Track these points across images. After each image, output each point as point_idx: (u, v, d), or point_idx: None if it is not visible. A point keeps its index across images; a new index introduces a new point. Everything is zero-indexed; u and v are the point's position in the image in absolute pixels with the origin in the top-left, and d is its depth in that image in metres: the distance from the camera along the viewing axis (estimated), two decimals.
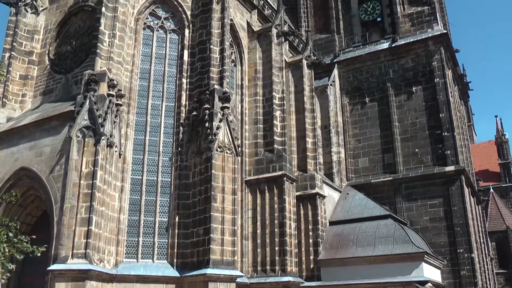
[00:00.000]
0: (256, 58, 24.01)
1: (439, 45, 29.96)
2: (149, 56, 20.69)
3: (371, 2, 35.46)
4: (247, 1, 24.71)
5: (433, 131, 28.64)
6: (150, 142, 19.65)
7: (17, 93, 21.15)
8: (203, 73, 20.06)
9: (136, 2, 20.80)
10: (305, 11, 34.70)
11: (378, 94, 30.73)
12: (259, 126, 22.99)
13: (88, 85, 17.26)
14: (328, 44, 33.00)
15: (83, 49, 20.61)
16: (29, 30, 22.04)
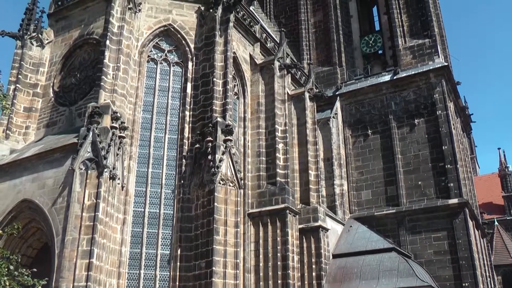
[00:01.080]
0: (259, 91, 24.14)
1: (441, 77, 30.14)
2: (153, 89, 20.88)
3: (373, 35, 35.90)
4: (249, 34, 24.98)
5: (436, 164, 28.57)
6: (153, 174, 19.64)
7: (20, 125, 21.25)
8: (206, 105, 20.19)
9: (140, 35, 21.08)
10: (307, 44, 35.06)
11: (381, 126, 30.77)
12: (262, 158, 22.98)
13: (92, 117, 17.35)
14: (330, 77, 33.23)
15: (87, 81, 20.81)
16: (34, 63, 22.28)
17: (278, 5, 38.04)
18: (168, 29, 21.78)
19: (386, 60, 34.11)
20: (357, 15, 36.83)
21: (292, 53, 31.93)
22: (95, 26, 21.51)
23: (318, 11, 35.89)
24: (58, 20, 23.28)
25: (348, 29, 35.51)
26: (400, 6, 33.30)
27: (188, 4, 22.39)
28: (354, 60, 34.73)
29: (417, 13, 32.74)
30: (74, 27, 22.47)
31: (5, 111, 15.78)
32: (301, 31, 35.51)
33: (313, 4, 36.29)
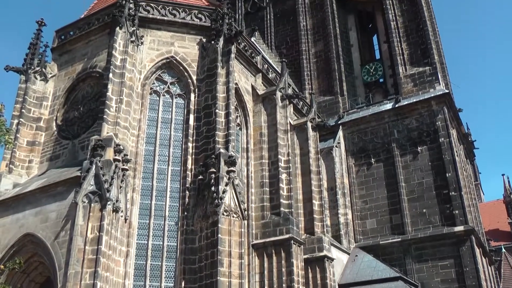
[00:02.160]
0: (261, 121, 24.19)
1: (442, 104, 30.18)
2: (155, 121, 20.97)
3: (373, 64, 36.19)
4: (251, 65, 25.17)
5: (440, 191, 28.40)
6: (156, 206, 19.59)
7: (23, 159, 21.29)
8: (208, 137, 20.22)
9: (143, 68, 21.28)
10: (308, 74, 35.26)
11: (384, 154, 30.71)
12: (265, 189, 22.88)
13: (95, 150, 17.41)
14: (332, 106, 33.32)
15: (90, 114, 20.93)
16: (38, 96, 22.46)
17: (279, 36, 38.39)
18: (170, 61, 21.99)
19: (387, 88, 34.29)
20: (358, 44, 37.21)
21: (293, 83, 32.11)
22: (98, 59, 21.76)
23: (319, 41, 36.21)
24: (62, 54, 23.55)
25: (349, 58, 35.81)
26: (400, 35, 33.57)
27: (190, 36, 22.64)
28: (356, 89, 34.91)
29: (417, 41, 32.98)
30: (77, 61, 22.73)
31: (8, 145, 15.84)
32: (302, 61, 35.75)
33: (314, 34, 36.64)
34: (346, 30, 37.06)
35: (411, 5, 34.07)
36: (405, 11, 34.19)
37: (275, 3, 39.94)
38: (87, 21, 23.31)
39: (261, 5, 40.37)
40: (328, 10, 36.44)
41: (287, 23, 38.44)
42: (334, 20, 36.07)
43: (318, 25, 36.70)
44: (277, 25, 38.87)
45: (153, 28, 22.33)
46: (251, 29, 37.81)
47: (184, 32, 22.68)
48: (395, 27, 33.84)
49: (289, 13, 38.59)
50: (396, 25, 33.93)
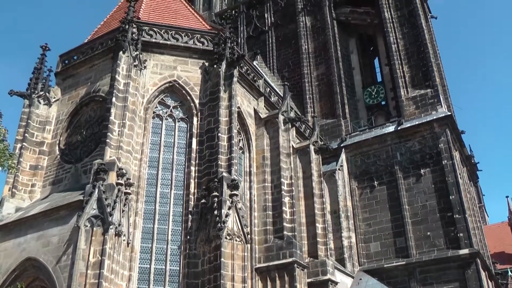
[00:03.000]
0: (264, 145, 24.19)
1: (445, 127, 30.17)
2: (158, 145, 21.01)
3: (375, 86, 36.35)
4: (253, 89, 25.27)
5: (444, 214, 28.23)
6: (159, 230, 19.51)
7: (26, 183, 21.28)
8: (211, 160, 20.22)
9: (145, 92, 21.38)
10: (310, 97, 35.38)
11: (387, 177, 30.62)
12: (268, 212, 22.78)
13: (97, 174, 17.43)
14: (335, 129, 33.34)
15: (93, 138, 21.01)
16: (41, 121, 22.54)
17: (280, 59, 38.62)
18: (173, 85, 22.10)
19: (389, 111, 34.35)
20: (359, 67, 37.44)
21: (296, 106, 32.18)
22: (101, 83, 21.89)
23: (321, 64, 36.41)
24: (65, 79, 23.71)
25: (350, 81, 35.98)
26: (401, 57, 33.74)
27: (193, 60, 22.79)
28: (358, 111, 35.01)
29: (418, 64, 33.12)
30: (81, 85, 22.86)
31: (11, 170, 15.90)
32: (304, 84, 35.91)
33: (315, 57, 36.86)
34: (347, 53, 37.30)
35: (411, 28, 34.31)
36: (406, 34, 34.42)
37: (277, 27, 40.28)
38: (91, 45, 23.51)
39: (263, 29, 40.71)
40: (329, 33, 36.71)
41: (289, 46, 38.72)
42: (336, 43, 36.33)
43: (320, 48, 36.96)
44: (279, 48, 39.13)
45: (156, 52, 22.49)
46: (253, 53, 38.12)
47: (187, 56, 22.84)
48: (396, 50, 34.03)
49: (291, 37, 38.89)
50: (397, 48, 34.12)
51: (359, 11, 37.76)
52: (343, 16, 38.01)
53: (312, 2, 39.01)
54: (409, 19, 34.70)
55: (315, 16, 38.49)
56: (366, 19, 37.54)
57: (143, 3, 25.90)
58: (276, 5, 41.28)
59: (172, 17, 25.58)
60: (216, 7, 44.43)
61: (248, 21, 41.97)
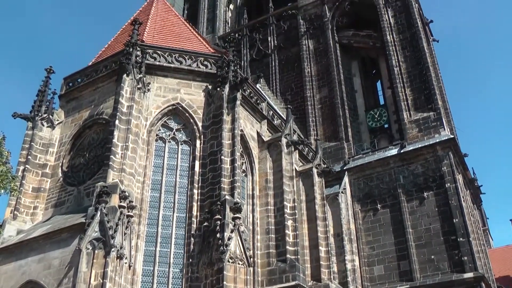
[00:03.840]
0: (267, 168, 24.17)
1: (447, 150, 30.12)
2: (161, 167, 21.00)
3: (378, 109, 36.38)
4: (257, 112, 25.33)
5: (448, 237, 28.01)
6: (161, 253, 19.42)
7: (28, 206, 21.24)
8: (214, 183, 20.18)
9: (149, 114, 21.46)
10: (313, 120, 35.40)
11: (390, 200, 30.47)
12: (271, 236, 22.67)
13: (100, 197, 17.42)
14: (338, 152, 33.28)
15: (96, 161, 21.03)
16: (44, 143, 22.58)
17: (283, 82, 38.76)
18: (176, 108, 22.19)
19: (392, 134, 34.32)
20: (362, 90, 37.53)
21: (299, 129, 32.23)
22: (104, 106, 21.98)
23: (323, 87, 36.51)
24: (69, 101, 23.82)
25: (353, 104, 36.04)
26: (403, 80, 33.82)
27: (196, 83, 22.92)
28: (361, 134, 35.00)
29: (420, 87, 33.18)
30: (84, 108, 22.96)
31: (14, 192, 15.92)
32: (307, 107, 35.96)
33: (318, 80, 36.99)
34: (350, 76, 37.45)
35: (413, 51, 34.46)
36: (408, 57, 34.55)
37: (279, 50, 40.52)
38: (95, 68, 23.67)
39: (266, 52, 40.93)
40: (332, 56, 36.88)
41: (292, 69, 38.89)
42: (338, 66, 36.49)
43: (323, 71, 37.09)
44: (282, 71, 39.31)
45: (160, 75, 22.64)
46: (256, 76, 38.26)
47: (190, 79, 22.97)
48: (399, 73, 34.12)
49: (293, 60, 39.11)
50: (399, 71, 34.22)
51: (361, 34, 38.01)
52: (345, 39, 38.25)
53: (315, 25, 39.29)
54: (411, 42, 34.87)
55: (317, 39, 38.73)
56: (369, 42, 37.76)
57: (147, 26, 26.14)
58: (279, 28, 41.58)
59: (176, 40, 25.81)
60: (220, 30, 44.77)
61: (251, 44, 42.26)
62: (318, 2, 39.99)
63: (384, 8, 36.80)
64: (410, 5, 36.01)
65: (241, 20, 45.42)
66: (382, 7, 36.83)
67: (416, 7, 37.39)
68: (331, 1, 39.38)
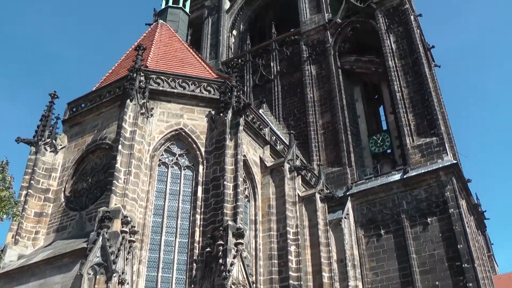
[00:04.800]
0: (269, 193, 24.13)
1: (451, 175, 30.04)
2: (163, 193, 20.97)
3: (380, 135, 36.41)
4: (259, 137, 25.37)
5: (453, 263, 27.78)
6: (163, 279, 19.26)
7: (30, 230, 21.16)
8: (216, 209, 20.12)
9: (152, 140, 21.49)
10: (316, 145, 35.43)
11: (393, 226, 30.32)
12: (274, 261, 22.51)
13: (102, 222, 17.38)
14: (340, 177, 33.23)
15: (98, 186, 21.01)
16: (47, 168, 22.57)
17: (286, 107, 38.92)
18: (179, 133, 22.22)
19: (395, 159, 34.31)
20: (364, 116, 37.62)
21: (301, 154, 32.22)
22: (108, 131, 22.03)
23: (326, 113, 36.62)
24: (72, 126, 23.88)
25: (356, 129, 36.11)
26: (405, 106, 33.90)
27: (199, 108, 22.99)
28: (363, 159, 34.98)
29: (423, 112, 33.25)
30: (88, 133, 23.00)
31: (16, 218, 15.89)
32: (310, 132, 36.02)
33: (321, 106, 37.11)
34: (352, 102, 37.57)
35: (415, 77, 34.61)
36: (410, 82, 34.69)
37: (282, 75, 40.79)
38: (99, 93, 23.79)
39: (269, 77, 41.20)
40: (334, 82, 37.08)
41: (295, 95, 39.09)
42: (341, 91, 36.64)
43: (325, 96, 37.25)
44: (284, 97, 39.50)
45: (163, 100, 22.73)
46: (259, 101, 38.47)
47: (193, 104, 23.06)
48: (401, 98, 34.23)
49: (296, 85, 39.33)
50: (401, 96, 34.33)
51: (363, 59, 38.27)
52: (347, 65, 38.50)
53: (317, 51, 39.59)
54: (413, 67, 35.06)
55: (320, 65, 38.98)
56: (371, 67, 37.99)
57: (151, 52, 26.35)
58: (281, 54, 41.93)
59: (179, 65, 25.98)
60: (223, 56, 45.14)
61: (254, 69, 42.56)
62: (320, 28, 40.38)
63: (386, 34, 37.10)
64: (412, 31, 36.31)
65: (244, 46, 45.82)
66: (384, 33, 37.14)
67: (418, 32, 37.70)
68: (333, 27, 39.76)
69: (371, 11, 38.57)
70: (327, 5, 41.60)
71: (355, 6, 39.66)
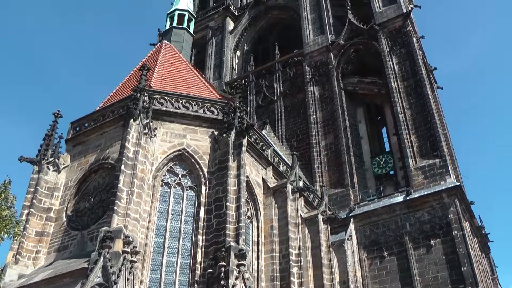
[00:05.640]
0: (272, 214, 24.03)
1: (453, 197, 29.92)
2: (166, 213, 20.90)
3: (383, 156, 36.33)
4: (262, 158, 25.34)
5: (457, 286, 27.51)
6: None
7: (31, 250, 21.07)
8: (219, 230, 20.01)
9: (155, 160, 21.48)
10: (319, 166, 35.38)
11: (397, 247, 30.13)
12: (276, 283, 22.32)
13: (104, 242, 17.29)
14: (343, 198, 33.12)
15: (100, 205, 20.98)
16: (49, 187, 22.55)
17: (289, 128, 38.98)
18: (182, 154, 22.22)
19: (398, 181, 34.18)
20: (367, 137, 37.60)
21: (304, 175, 32.15)
22: (111, 151, 22.05)
23: (329, 134, 36.65)
24: (75, 145, 23.91)
25: (359, 151, 36.06)
26: (408, 127, 33.91)
27: (202, 129, 23.01)
28: (366, 181, 34.88)
29: (425, 134, 33.23)
30: (90, 152, 23.03)
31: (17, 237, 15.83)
32: (313, 153, 36.00)
33: (324, 127, 37.16)
34: (355, 123, 37.60)
35: (418, 98, 34.66)
36: (413, 104, 34.75)
37: (285, 96, 40.94)
38: (102, 113, 23.87)
39: (272, 98, 41.35)
40: (337, 103, 37.16)
41: (298, 116, 39.18)
42: (344, 113, 36.72)
43: (328, 118, 37.32)
44: (287, 118, 39.60)
45: (166, 121, 22.76)
46: (262, 122, 38.55)
47: (197, 124, 23.08)
48: (404, 120, 34.25)
49: (299, 106, 39.45)
50: (404, 117, 34.36)
51: (366, 81, 38.39)
52: (350, 86, 38.63)
53: (320, 72, 39.76)
54: (416, 89, 35.14)
55: (323, 86, 39.12)
56: (373, 89, 38.08)
57: (155, 72, 26.49)
58: (285, 75, 42.13)
59: (183, 86, 26.09)
60: (226, 76, 45.36)
61: (257, 90, 42.75)
62: (323, 49, 40.60)
63: (388, 56, 37.28)
64: (414, 53, 36.48)
65: (247, 67, 46.09)
66: (387, 54, 37.32)
67: (420, 54, 37.86)
68: (336, 49, 39.98)
69: (374, 33, 38.82)
70: (330, 27, 41.90)
71: (358, 28, 39.93)
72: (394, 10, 39.16)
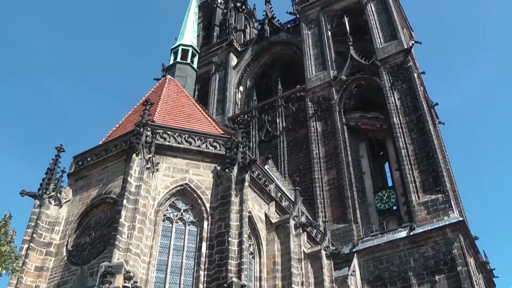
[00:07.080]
0: (275, 250, 23.82)
1: (457, 232, 29.70)
2: (167, 248, 20.70)
3: (386, 191, 36.22)
4: (265, 193, 25.26)
5: None
6: None
7: (30, 285, 20.74)
8: (221, 265, 19.80)
9: (157, 194, 21.41)
10: (321, 201, 35.24)
11: (401, 283, 29.77)
12: None
13: (104, 277, 17.12)
14: (346, 234, 32.88)
15: (101, 240, 20.80)
16: (50, 221, 22.40)
17: (292, 163, 38.97)
18: (184, 189, 22.15)
19: (401, 216, 33.99)
20: (370, 172, 37.55)
21: (307, 211, 32.03)
22: (113, 185, 21.98)
23: (331, 169, 36.62)
24: (78, 180, 23.86)
25: (361, 186, 35.96)
26: (411, 162, 33.89)
27: (205, 164, 23.00)
28: (369, 216, 34.68)
29: (428, 169, 33.19)
30: (93, 187, 22.96)
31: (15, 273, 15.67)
32: (315, 189, 35.90)
33: (326, 162, 37.16)
34: (358, 158, 37.60)
35: (420, 134, 34.75)
36: (415, 139, 34.81)
37: (288, 131, 41.07)
38: (105, 147, 23.89)
39: (274, 133, 41.48)
40: (340, 138, 37.26)
41: (300, 151, 39.22)
42: (346, 148, 36.77)
43: (331, 153, 37.35)
44: (290, 153, 39.64)
45: (169, 155, 22.77)
46: (265, 157, 38.57)
47: (199, 159, 23.08)
48: (406, 155, 34.26)
49: (302, 142, 39.53)
50: (406, 153, 34.37)
51: (368, 116, 38.57)
52: (353, 121, 38.78)
53: (323, 107, 39.99)
54: (418, 124, 35.26)
55: (325, 121, 39.29)
56: (376, 124, 38.23)
57: (158, 107, 26.61)
58: (287, 110, 42.36)
59: (186, 121, 26.17)
60: (229, 111, 45.59)
61: (260, 125, 42.90)
62: (325, 85, 40.92)
63: (390, 91, 37.54)
64: (416, 88, 36.74)
65: (250, 102, 46.35)
66: (388, 89, 37.59)
67: (422, 90, 38.13)
68: (338, 84, 40.30)
69: (375, 68, 39.20)
70: (332, 62, 42.34)
71: (360, 64, 40.36)
72: (395, 46, 39.62)
